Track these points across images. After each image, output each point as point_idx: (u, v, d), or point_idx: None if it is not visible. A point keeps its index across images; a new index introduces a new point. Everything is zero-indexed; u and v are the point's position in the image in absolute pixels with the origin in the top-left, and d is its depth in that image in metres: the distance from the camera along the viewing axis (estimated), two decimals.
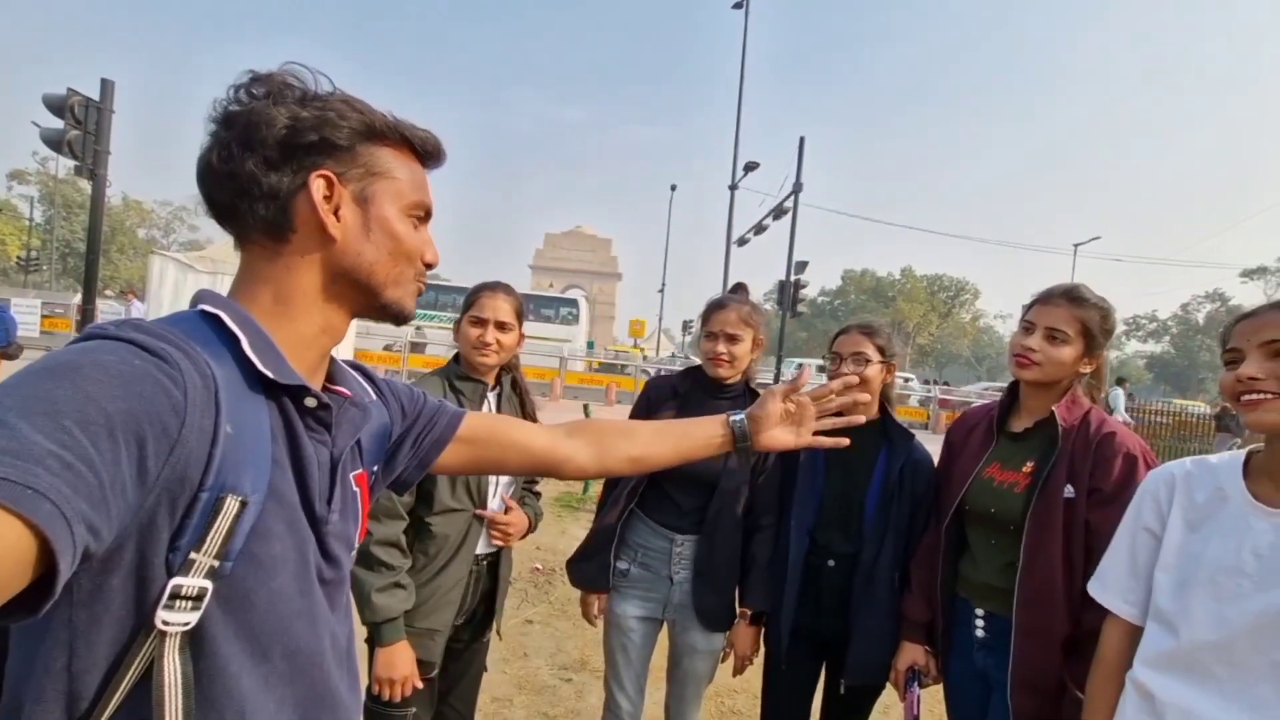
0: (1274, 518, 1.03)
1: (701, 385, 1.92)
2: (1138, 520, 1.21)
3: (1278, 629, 0.98)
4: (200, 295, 0.69)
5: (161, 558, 0.57)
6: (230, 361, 0.63)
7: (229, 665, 0.61)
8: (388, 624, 1.51)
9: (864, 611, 1.74)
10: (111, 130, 7.22)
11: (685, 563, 1.86)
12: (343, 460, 0.74)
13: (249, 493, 0.60)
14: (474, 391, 1.75)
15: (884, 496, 1.77)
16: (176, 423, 0.55)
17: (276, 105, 0.68)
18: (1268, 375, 1.00)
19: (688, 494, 1.85)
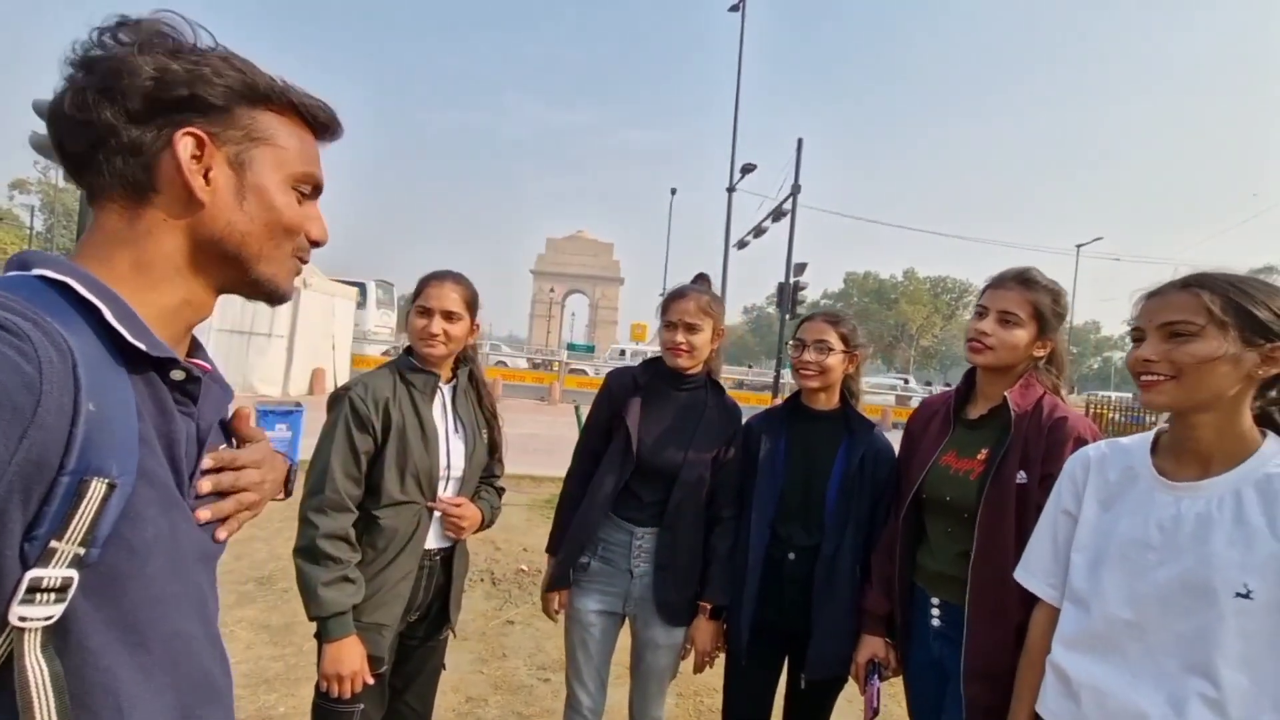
0: (1174, 491, 1.04)
1: (662, 376, 1.90)
2: (1058, 504, 1.22)
3: (1181, 600, 0.99)
4: (28, 257, 0.62)
5: (15, 549, 0.52)
6: (87, 332, 0.58)
7: (101, 659, 0.57)
8: (335, 618, 1.49)
9: (825, 604, 1.71)
10: None
11: (646, 556, 1.84)
12: (210, 437, 0.71)
13: (116, 475, 0.56)
14: (425, 384, 1.71)
15: (844, 487, 1.76)
16: (30, 401, 0.50)
17: (143, 54, 0.63)
18: (1161, 358, 1.01)
19: (648, 486, 1.83)
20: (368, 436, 1.58)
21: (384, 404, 1.62)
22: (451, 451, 1.72)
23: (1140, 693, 1.01)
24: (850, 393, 1.87)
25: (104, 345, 0.59)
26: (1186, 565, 0.99)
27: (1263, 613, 0.93)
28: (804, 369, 1.80)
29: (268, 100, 0.69)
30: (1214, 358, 0.98)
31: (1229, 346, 0.98)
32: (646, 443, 1.82)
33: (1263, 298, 1.00)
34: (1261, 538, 0.94)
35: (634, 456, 1.80)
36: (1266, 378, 1.00)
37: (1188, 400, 1.01)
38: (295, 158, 0.71)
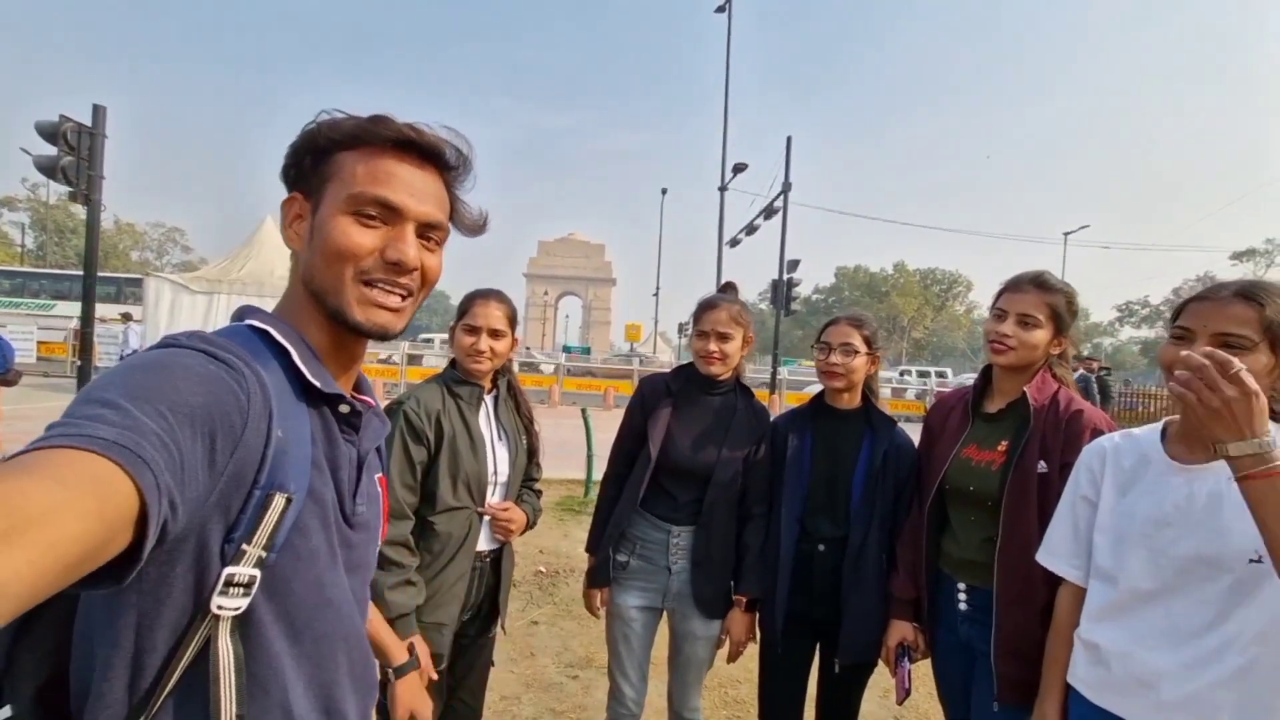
0: (1186, 473, 1.15)
1: (694, 382, 1.99)
2: (1076, 490, 1.33)
3: (1199, 569, 1.09)
4: (245, 310, 0.76)
5: (218, 548, 0.62)
6: (278, 371, 0.70)
7: (272, 646, 0.68)
8: (401, 619, 1.58)
9: (854, 592, 1.81)
10: (105, 155, 7.29)
11: (682, 553, 1.93)
12: (368, 461, 0.80)
13: (293, 491, 0.66)
14: (471, 395, 1.81)
15: (869, 481, 1.85)
16: (241, 423, 0.61)
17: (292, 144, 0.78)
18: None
19: (683, 487, 1.92)
20: (422, 447, 1.68)
21: (435, 416, 1.71)
22: (498, 458, 1.81)
23: (1163, 654, 1.11)
24: (871, 391, 1.97)
25: (289, 381, 0.71)
26: (1202, 538, 1.09)
27: (1271, 574, 1.01)
28: (830, 371, 1.89)
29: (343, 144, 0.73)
30: (1260, 372, 1.03)
31: (1271, 360, 1.05)
32: (681, 446, 1.92)
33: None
34: None
35: (653, 458, 1.89)
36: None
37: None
38: (359, 178, 0.72)
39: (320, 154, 0.75)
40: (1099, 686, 1.20)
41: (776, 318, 16.69)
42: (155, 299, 10.86)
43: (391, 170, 0.73)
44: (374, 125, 0.72)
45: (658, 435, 1.91)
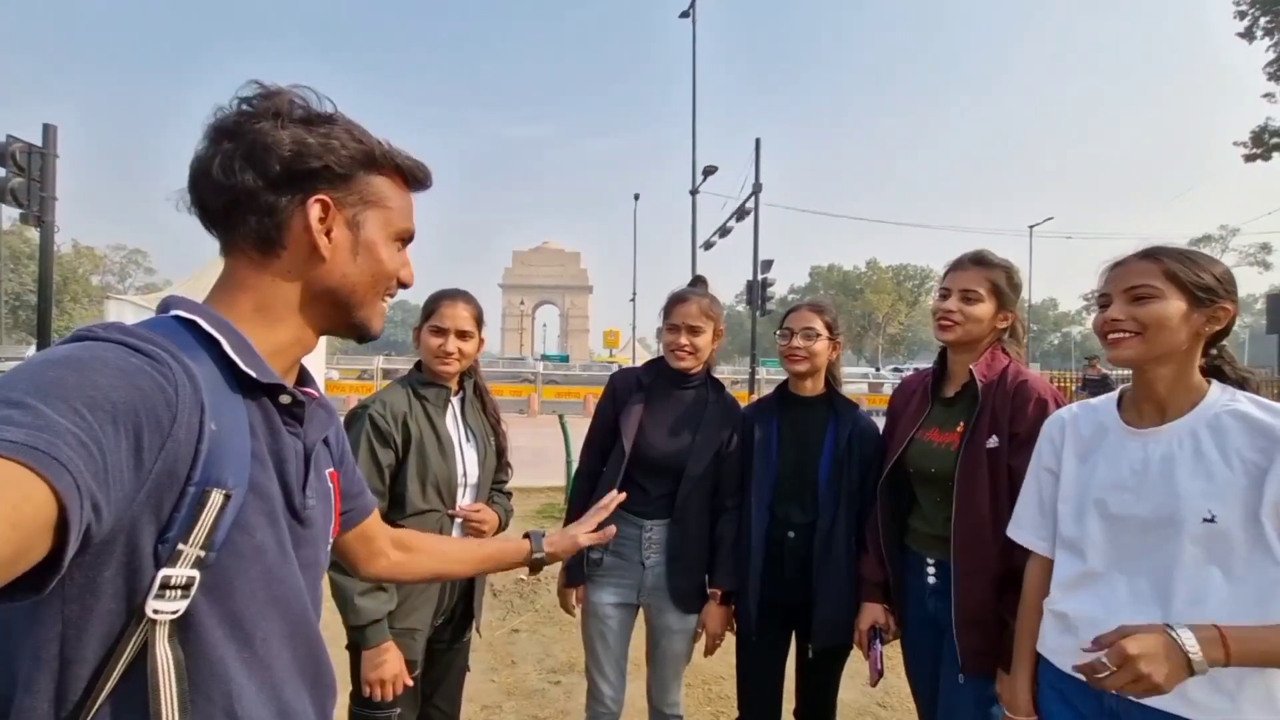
0: (1141, 437, 1.18)
1: (666, 376, 1.99)
2: (1039, 463, 1.36)
3: (1156, 529, 1.12)
4: (169, 301, 0.71)
5: (150, 549, 0.59)
6: (209, 362, 0.66)
7: (215, 650, 0.64)
8: (372, 626, 1.55)
9: (825, 576, 1.82)
10: (57, 175, 7.09)
11: (656, 547, 1.92)
12: (315, 454, 0.78)
13: (231, 486, 0.63)
14: (438, 397, 1.79)
15: (835, 464, 1.87)
16: (169, 417, 0.57)
17: (282, 126, 0.71)
18: (1127, 317, 1.15)
19: (656, 481, 1.92)
20: (389, 450, 1.65)
21: (402, 418, 1.68)
22: (466, 460, 1.79)
23: (1131, 615, 1.11)
24: (833, 378, 1.99)
25: (223, 373, 0.68)
26: (1158, 500, 1.12)
27: (1227, 535, 1.06)
28: (792, 354, 1.91)
29: (379, 165, 0.78)
30: (1172, 316, 1.12)
31: (1183, 306, 1.12)
32: (653, 439, 1.91)
33: (1206, 265, 1.15)
34: (1218, 469, 1.08)
35: (627, 452, 1.88)
36: (1210, 334, 1.15)
37: (1149, 354, 1.15)
38: (398, 215, 0.81)
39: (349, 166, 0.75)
40: (1066, 653, 1.22)
41: (753, 318, 16.81)
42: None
43: (410, 203, 0.84)
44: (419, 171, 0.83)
45: (631, 429, 1.91)
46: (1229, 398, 1.13)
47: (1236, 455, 1.07)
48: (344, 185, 0.75)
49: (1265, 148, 17.11)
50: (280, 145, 0.70)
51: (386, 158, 0.78)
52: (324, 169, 0.72)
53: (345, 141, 0.74)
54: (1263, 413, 1.08)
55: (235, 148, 0.70)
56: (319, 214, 0.73)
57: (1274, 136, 16.91)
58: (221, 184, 0.70)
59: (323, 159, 0.72)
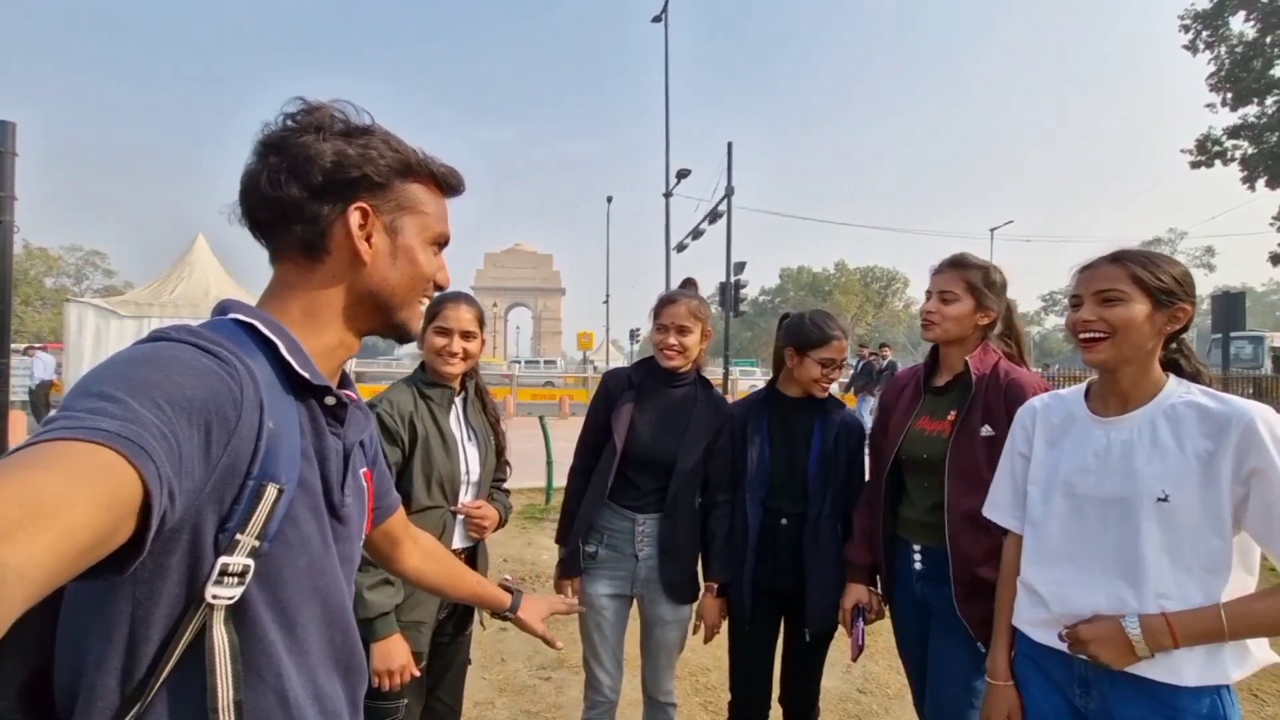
0: (1104, 425, 1.30)
1: (656, 375, 2.06)
2: (1013, 447, 1.46)
3: (1116, 509, 1.23)
4: (227, 304, 0.76)
5: (212, 538, 0.63)
6: (265, 364, 0.71)
7: (267, 633, 0.69)
8: (380, 619, 1.59)
9: (815, 565, 1.92)
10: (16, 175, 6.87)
11: (649, 540, 2.00)
12: (352, 455, 0.82)
13: (284, 481, 0.67)
14: (442, 397, 1.84)
15: (823, 459, 1.97)
16: (235, 415, 0.62)
17: (325, 140, 0.75)
18: (1097, 318, 1.25)
19: (647, 476, 1.99)
20: (396, 448, 1.69)
21: (409, 417, 1.73)
22: (469, 458, 1.84)
23: (1094, 589, 1.24)
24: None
25: (278, 374, 0.72)
26: (1118, 481, 1.23)
27: (1178, 512, 1.17)
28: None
29: (415, 173, 0.82)
30: (1138, 318, 1.21)
31: (1147, 309, 1.22)
32: (644, 437, 1.99)
33: (1168, 268, 1.24)
34: (1172, 453, 1.19)
35: (618, 450, 1.96)
36: (1171, 332, 1.26)
37: (1119, 356, 1.24)
38: (434, 220, 0.85)
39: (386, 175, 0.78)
40: (1039, 625, 1.32)
41: (726, 320, 16.99)
42: (78, 325, 10.25)
43: (445, 209, 0.88)
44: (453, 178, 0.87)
45: (622, 427, 1.98)
46: (1184, 390, 1.24)
47: (1189, 441, 1.18)
48: (382, 193, 0.79)
49: (1209, 155, 17.95)
50: (323, 157, 0.74)
51: (422, 165, 0.82)
52: (363, 178, 0.76)
53: (383, 151, 0.78)
54: (1214, 403, 1.19)
55: (281, 161, 0.74)
56: (359, 220, 0.77)
57: (1216, 145, 17.75)
58: (269, 196, 0.75)
59: (362, 168, 0.76)
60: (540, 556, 4.97)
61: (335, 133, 0.76)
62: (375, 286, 0.81)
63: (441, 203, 0.87)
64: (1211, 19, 17.16)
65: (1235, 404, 1.16)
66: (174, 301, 10.59)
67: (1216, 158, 17.85)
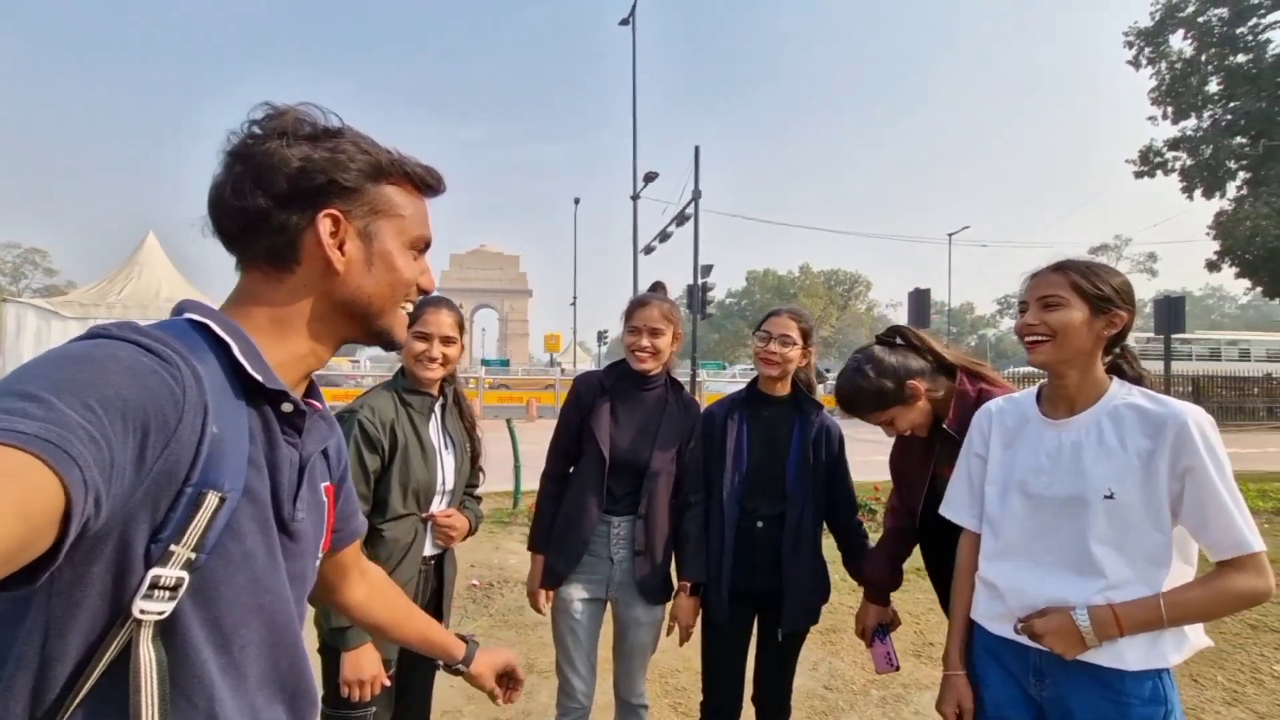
0: (1055, 427, 1.37)
1: (627, 378, 2.07)
2: (969, 449, 1.53)
3: (1067, 507, 1.30)
4: (184, 305, 0.72)
5: (142, 548, 0.58)
6: (216, 366, 0.66)
7: (199, 653, 0.64)
8: (353, 628, 1.58)
9: (794, 567, 1.95)
10: None
11: (622, 542, 2.00)
12: (310, 466, 0.77)
13: (227, 490, 0.63)
14: (422, 404, 1.83)
15: (801, 462, 2.00)
16: (175, 418, 0.58)
17: (290, 146, 0.71)
18: (1040, 322, 1.33)
19: (621, 480, 2.00)
20: (376, 456, 1.68)
21: (390, 425, 1.72)
22: (445, 467, 1.84)
23: (1048, 583, 1.31)
24: (804, 383, 2.11)
25: (229, 377, 0.68)
26: (1069, 481, 1.30)
27: (1122, 509, 1.24)
28: (768, 358, 2.01)
29: (388, 175, 0.78)
30: (1076, 322, 1.30)
31: (1085, 314, 1.30)
32: (618, 440, 1.99)
33: (1106, 276, 1.33)
34: (1116, 453, 1.27)
35: (606, 457, 1.96)
36: (1109, 337, 1.33)
37: (1059, 356, 1.32)
38: (412, 223, 0.81)
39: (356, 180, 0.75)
40: (996, 618, 1.39)
41: (694, 322, 17.11)
42: (17, 327, 9.78)
43: (425, 210, 0.84)
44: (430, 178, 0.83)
45: (604, 432, 1.97)
46: (1126, 392, 1.32)
47: (1131, 441, 1.26)
48: (353, 197, 0.75)
49: (1151, 165, 18.78)
50: (287, 163, 0.71)
51: (395, 166, 0.79)
52: (331, 183, 0.73)
53: (352, 154, 0.74)
54: (1152, 404, 1.27)
55: (245, 170, 0.71)
56: (330, 228, 0.73)
57: (1158, 156, 18.61)
58: (235, 207, 0.71)
59: (328, 173, 0.72)
60: (508, 561, 4.93)
61: (301, 137, 0.73)
62: (351, 296, 0.77)
63: (420, 204, 0.83)
64: (1153, 36, 17.98)
65: (1171, 405, 1.25)
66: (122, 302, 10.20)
67: (1158, 168, 18.68)
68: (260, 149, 0.71)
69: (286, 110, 0.74)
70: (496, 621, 3.86)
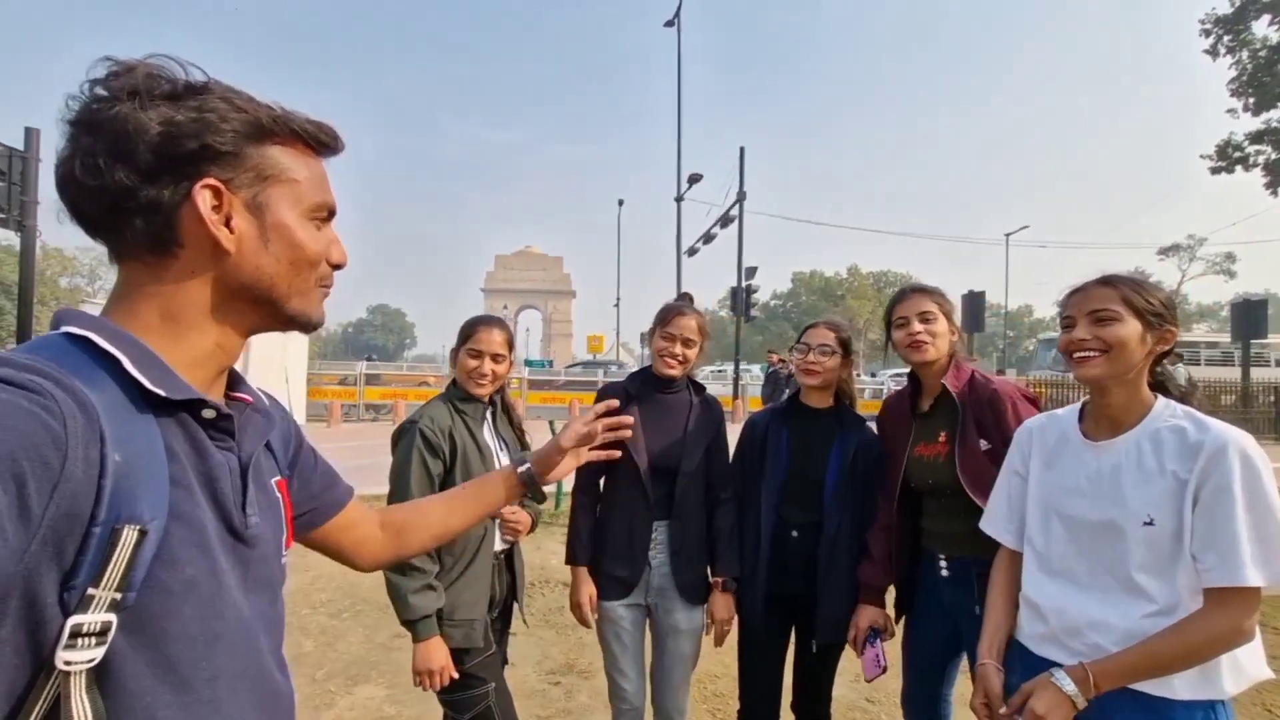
0: (1095, 449, 1.33)
1: (651, 384, 2.10)
2: (1010, 466, 1.51)
3: (1108, 533, 1.26)
4: (61, 315, 0.62)
5: (54, 599, 0.52)
6: (110, 384, 0.58)
7: (143, 697, 0.57)
8: (423, 621, 1.72)
9: (830, 577, 1.93)
10: (39, 180, 7.01)
11: (660, 546, 2.02)
12: (254, 465, 0.71)
13: (147, 519, 0.56)
14: (476, 411, 1.99)
15: (842, 474, 1.98)
16: (57, 456, 0.50)
17: (145, 108, 0.60)
18: (1093, 337, 1.29)
19: (656, 484, 2.01)
20: (439, 461, 1.83)
21: (448, 431, 1.87)
22: (502, 466, 1.91)
23: (1089, 604, 1.28)
24: (845, 394, 2.10)
25: (127, 394, 0.59)
26: (1107, 505, 1.26)
27: (1163, 535, 1.20)
28: (808, 369, 2.01)
29: (273, 134, 0.67)
30: (1131, 337, 1.26)
31: (1139, 328, 1.26)
32: (650, 445, 2.01)
33: (1155, 292, 1.30)
34: (1155, 478, 1.22)
35: (643, 463, 1.98)
36: (1159, 353, 1.30)
37: (1112, 371, 1.28)
38: (308, 188, 0.70)
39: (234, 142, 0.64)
40: (1039, 639, 1.36)
41: (737, 324, 16.99)
42: None
43: (323, 173, 0.73)
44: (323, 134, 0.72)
45: (639, 439, 2.00)
46: (1170, 413, 1.27)
47: (1169, 465, 1.21)
48: (234, 164, 0.64)
49: (1230, 161, 17.71)
50: (146, 130, 0.59)
51: (280, 123, 0.67)
52: (203, 148, 0.62)
53: (225, 113, 0.63)
54: (1193, 427, 1.22)
55: (95, 141, 0.60)
56: (211, 201, 0.63)
57: (1238, 150, 17.52)
58: (89, 186, 0.60)
59: (200, 137, 0.61)
60: (548, 561, 4.99)
61: (159, 96, 0.61)
62: (249, 278, 0.67)
63: (316, 165, 0.72)
64: (1233, 23, 16.95)
65: (1213, 429, 1.20)
66: None
67: (1238, 163, 17.60)
68: (109, 114, 0.60)
69: (135, 65, 0.61)
70: (537, 621, 3.91)
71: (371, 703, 2.97)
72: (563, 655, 3.44)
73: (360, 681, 3.15)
